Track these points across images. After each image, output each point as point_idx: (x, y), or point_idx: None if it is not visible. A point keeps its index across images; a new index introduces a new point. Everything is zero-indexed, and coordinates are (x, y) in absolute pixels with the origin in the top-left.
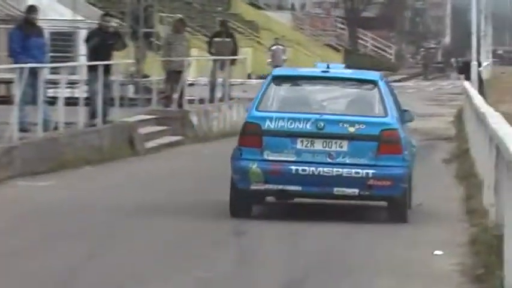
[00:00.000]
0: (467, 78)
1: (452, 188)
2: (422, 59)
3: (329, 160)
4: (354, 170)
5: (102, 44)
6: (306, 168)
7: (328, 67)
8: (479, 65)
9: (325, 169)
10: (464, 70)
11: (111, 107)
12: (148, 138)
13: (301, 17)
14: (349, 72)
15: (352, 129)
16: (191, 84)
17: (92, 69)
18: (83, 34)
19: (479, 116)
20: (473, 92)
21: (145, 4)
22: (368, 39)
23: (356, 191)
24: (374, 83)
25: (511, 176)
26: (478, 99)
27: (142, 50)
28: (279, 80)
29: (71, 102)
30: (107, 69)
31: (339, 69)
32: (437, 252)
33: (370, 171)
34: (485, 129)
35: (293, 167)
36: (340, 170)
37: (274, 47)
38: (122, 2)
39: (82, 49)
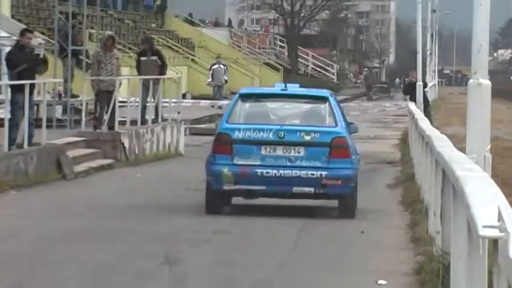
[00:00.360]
0: (413, 99)
1: (396, 215)
2: (365, 79)
3: (289, 164)
4: (310, 172)
5: (24, 65)
6: (270, 170)
7: (285, 86)
8: (425, 85)
9: (286, 171)
10: (409, 91)
11: (35, 129)
12: (77, 161)
13: (239, 35)
14: (304, 90)
15: (308, 138)
16: (122, 105)
17: (14, 88)
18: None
19: (424, 138)
20: (419, 114)
21: (74, 21)
22: (309, 58)
23: (312, 189)
24: (325, 99)
25: (456, 202)
26: (423, 121)
27: (71, 69)
28: (245, 97)
29: None
30: (31, 88)
31: (295, 88)
32: (381, 281)
33: (324, 173)
34: (431, 153)
35: (258, 170)
36: (298, 171)
37: (215, 66)
38: (50, 18)
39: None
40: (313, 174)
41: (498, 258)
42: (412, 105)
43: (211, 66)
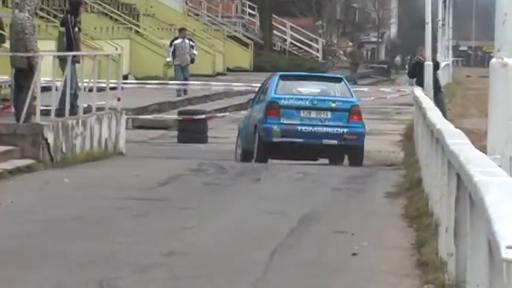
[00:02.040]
0: (420, 83)
1: (398, 232)
2: (351, 56)
3: (319, 123)
4: (335, 129)
5: None
6: (306, 127)
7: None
8: (436, 66)
9: (318, 128)
10: (416, 72)
11: None
12: None
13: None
14: (324, 74)
15: (333, 105)
16: (45, 89)
17: None
18: None
19: (434, 134)
20: (428, 103)
21: None
22: (286, 30)
23: (336, 142)
24: (341, 79)
25: (474, 215)
26: (433, 112)
27: None
28: (283, 77)
29: None
30: None
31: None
32: None
33: (345, 130)
34: (442, 153)
35: (298, 127)
36: (327, 128)
37: (178, 41)
38: None
39: None
40: (337, 131)
41: None
42: (418, 91)
43: (172, 42)
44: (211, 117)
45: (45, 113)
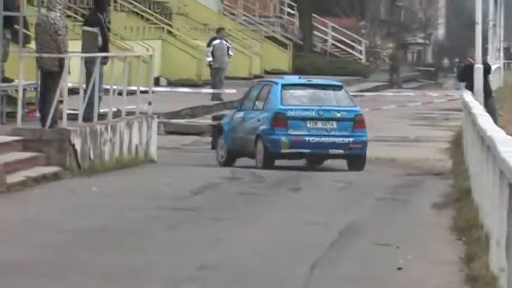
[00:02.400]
0: (470, 87)
1: (446, 245)
2: (391, 58)
3: (326, 133)
4: (341, 139)
5: None
6: (314, 138)
7: (299, 78)
8: (487, 69)
9: (324, 139)
10: (467, 76)
11: None
12: (11, 169)
13: None
14: (321, 80)
15: (338, 114)
16: (73, 92)
17: None
18: None
19: (485, 141)
20: (478, 108)
21: None
22: (328, 31)
23: (342, 151)
24: (340, 87)
25: None
26: (484, 118)
27: (3, 43)
28: (286, 86)
29: None
30: None
31: (298, 79)
32: None
33: (350, 139)
34: (494, 161)
35: (306, 138)
36: (333, 139)
37: (216, 42)
38: None
39: None
40: (343, 140)
41: None
42: (468, 96)
43: (210, 42)
44: None
45: (72, 117)
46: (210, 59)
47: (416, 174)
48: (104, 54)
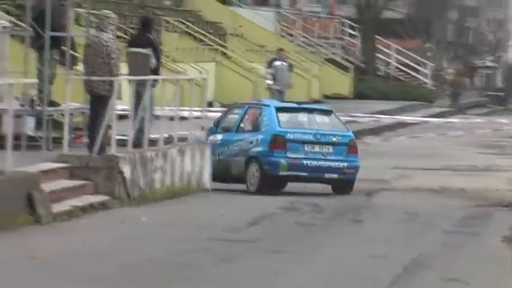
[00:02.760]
0: None
1: None
2: (452, 85)
3: (322, 157)
4: (336, 163)
5: None
6: (311, 162)
7: (296, 103)
8: None
9: (321, 162)
10: None
11: None
12: (57, 197)
13: (290, 18)
14: (314, 105)
15: (334, 139)
16: (122, 116)
17: None
18: None
19: None
20: None
21: None
22: (391, 53)
23: (336, 176)
24: (331, 111)
25: None
26: None
27: (50, 64)
28: (279, 109)
29: None
30: None
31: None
32: None
33: (345, 164)
34: None
35: (304, 161)
36: (329, 163)
37: (277, 63)
38: None
39: None
40: (338, 165)
41: None
42: None
43: (270, 63)
44: None
45: (122, 143)
46: (271, 81)
47: (485, 206)
48: (156, 77)
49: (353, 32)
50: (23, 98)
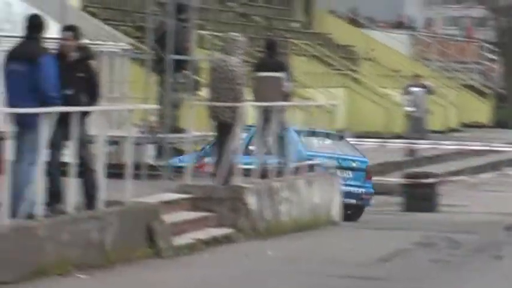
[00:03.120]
0: None
1: None
2: None
3: (343, 182)
4: (355, 188)
5: (66, 79)
6: None
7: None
8: None
9: (342, 187)
10: None
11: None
12: (178, 230)
13: (425, 41)
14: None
15: (354, 164)
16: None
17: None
18: None
19: None
20: None
21: (177, 16)
22: None
23: (355, 201)
24: (342, 137)
25: None
26: None
27: (176, 88)
28: (298, 133)
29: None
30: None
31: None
32: None
33: (363, 190)
34: None
35: None
36: (349, 188)
37: (416, 89)
38: (141, 12)
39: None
40: (357, 190)
41: None
42: None
43: (407, 89)
44: (443, 181)
45: (247, 173)
46: (410, 108)
47: None
48: (284, 103)
49: (492, 56)
50: (143, 124)
